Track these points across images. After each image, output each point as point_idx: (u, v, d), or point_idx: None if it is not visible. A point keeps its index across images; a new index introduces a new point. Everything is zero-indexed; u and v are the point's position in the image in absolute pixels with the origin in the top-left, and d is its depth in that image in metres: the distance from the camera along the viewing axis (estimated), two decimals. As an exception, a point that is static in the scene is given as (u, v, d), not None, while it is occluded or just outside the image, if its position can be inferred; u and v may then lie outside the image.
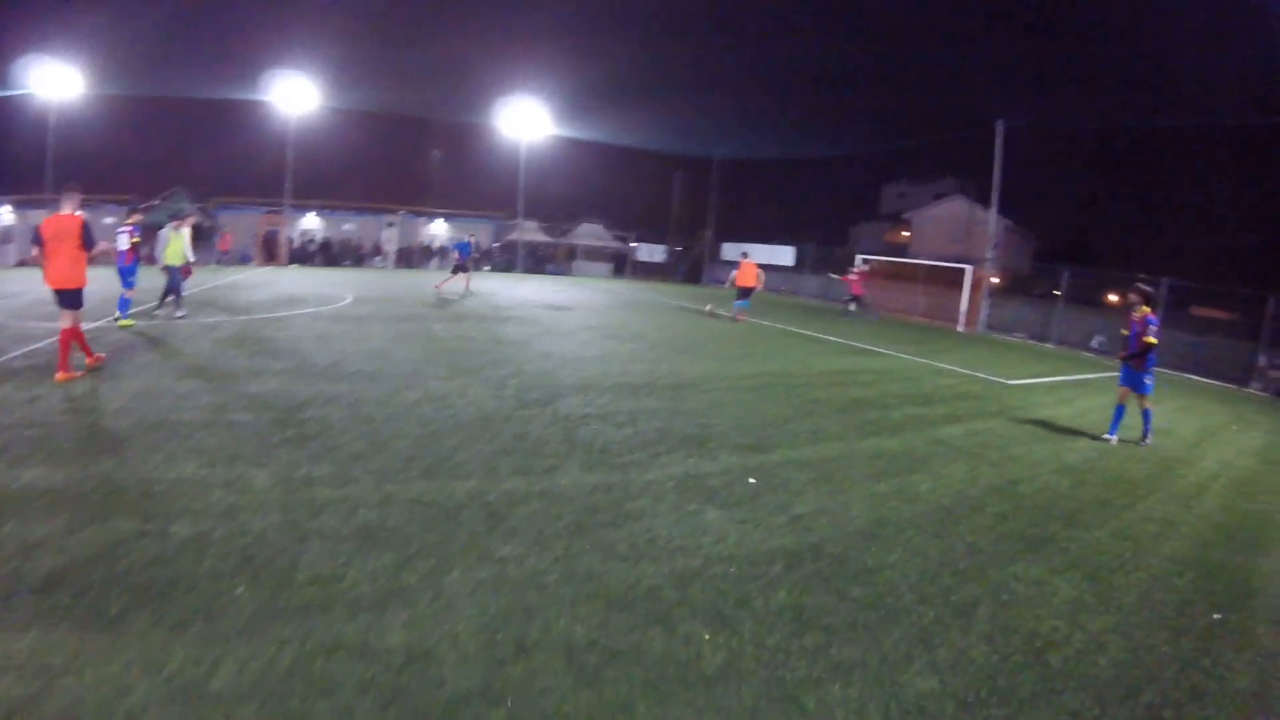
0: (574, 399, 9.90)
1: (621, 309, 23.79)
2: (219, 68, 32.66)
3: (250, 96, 36.68)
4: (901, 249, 57.31)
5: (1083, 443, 10.19)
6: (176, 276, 14.98)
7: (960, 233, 58.23)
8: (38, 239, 8.96)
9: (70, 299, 9.19)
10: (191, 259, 15.29)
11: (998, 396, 13.10)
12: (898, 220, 67.83)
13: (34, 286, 14.92)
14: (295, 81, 35.93)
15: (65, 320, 9.19)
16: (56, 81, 31.88)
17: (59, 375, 9.02)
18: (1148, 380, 10.37)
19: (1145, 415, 10.53)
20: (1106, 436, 10.45)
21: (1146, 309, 10.20)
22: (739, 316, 23.09)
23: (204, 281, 23.82)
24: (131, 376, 9.44)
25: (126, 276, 13.83)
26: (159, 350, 11.26)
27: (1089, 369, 19.43)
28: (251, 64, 32.30)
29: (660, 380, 11.71)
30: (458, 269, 25.31)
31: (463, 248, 25.56)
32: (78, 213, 9.19)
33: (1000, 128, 32.47)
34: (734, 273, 23.38)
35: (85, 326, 10.16)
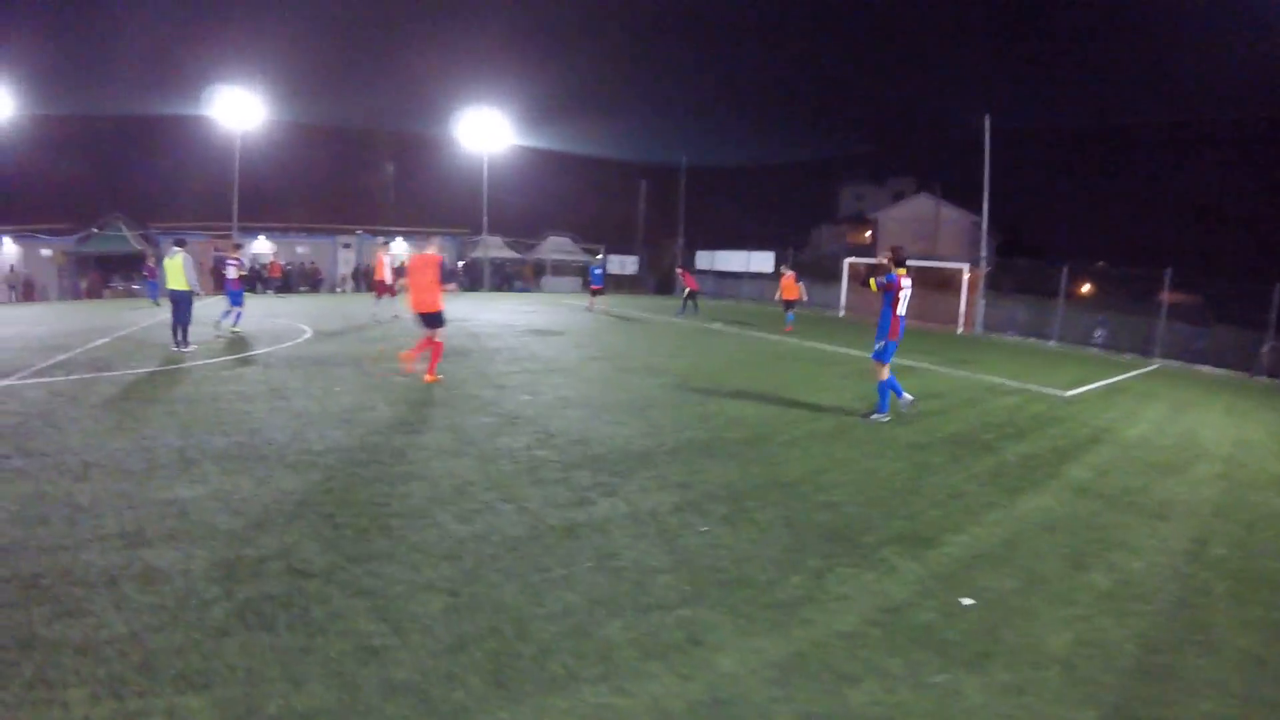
0: (640, 477, 7.22)
1: (614, 330, 21.12)
2: (154, 82, 29.89)
3: (189, 112, 33.65)
4: (864, 250, 55.96)
5: (1204, 469, 9.18)
6: (183, 306, 14.25)
7: (926, 230, 57.06)
8: (403, 271, 11.57)
9: (431, 320, 11.31)
10: (195, 287, 14.47)
11: (1071, 414, 12.03)
12: (860, 221, 66.88)
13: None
14: (238, 95, 32.95)
15: (434, 335, 11.47)
16: None
17: (427, 377, 11.42)
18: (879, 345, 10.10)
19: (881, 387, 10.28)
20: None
21: (900, 270, 9.92)
22: (787, 329, 22.43)
23: (143, 318, 20.81)
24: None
25: (235, 298, 17.31)
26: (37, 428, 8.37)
27: (1114, 369, 19.30)
28: (190, 77, 29.72)
29: (725, 434, 9.14)
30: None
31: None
32: (437, 252, 11.65)
33: (988, 123, 30.91)
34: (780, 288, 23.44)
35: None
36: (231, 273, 17.68)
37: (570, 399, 10.66)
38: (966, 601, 4.92)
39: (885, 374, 10.25)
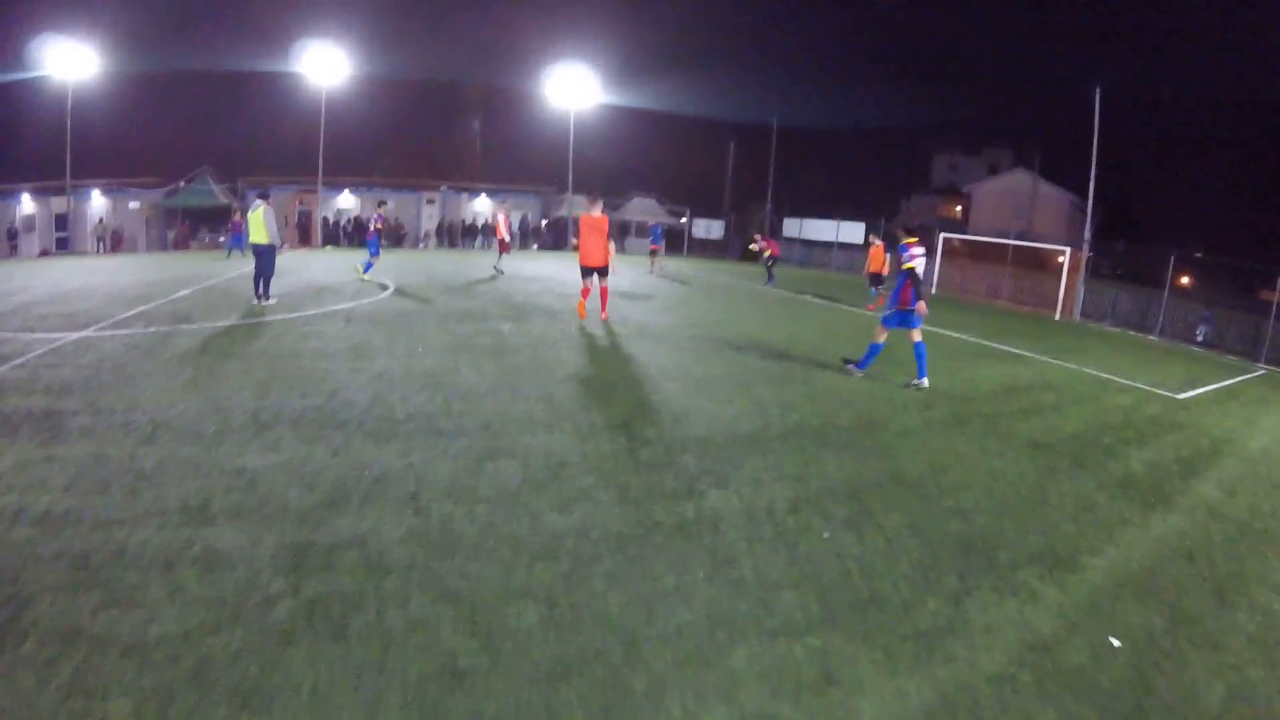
0: (750, 465, 6.51)
1: (704, 298, 20.28)
2: (241, 38, 29.86)
3: (276, 68, 33.70)
4: (954, 224, 54.11)
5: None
6: (266, 259, 14.05)
7: (1022, 207, 54.73)
8: (576, 231, 14.06)
9: (602, 272, 13.39)
10: (276, 240, 14.26)
11: (1188, 419, 10.95)
12: (953, 193, 64.65)
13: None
14: (324, 50, 32.82)
15: (604, 283, 13.65)
16: (70, 62, 29.17)
17: (602, 315, 13.80)
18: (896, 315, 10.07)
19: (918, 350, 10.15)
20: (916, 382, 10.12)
21: (911, 239, 9.97)
22: (871, 306, 20.64)
23: (228, 269, 20.82)
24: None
25: (372, 249, 19.17)
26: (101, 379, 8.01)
27: (1222, 370, 17.96)
28: (276, 33, 29.51)
29: (835, 418, 8.35)
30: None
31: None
32: (604, 213, 13.67)
33: (1098, 95, 28.96)
34: (868, 259, 21.59)
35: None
36: (372, 225, 19.42)
37: (666, 369, 9.95)
38: (1116, 643, 4.23)
39: (883, 337, 10.39)
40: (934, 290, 32.77)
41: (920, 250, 9.94)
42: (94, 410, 6.88)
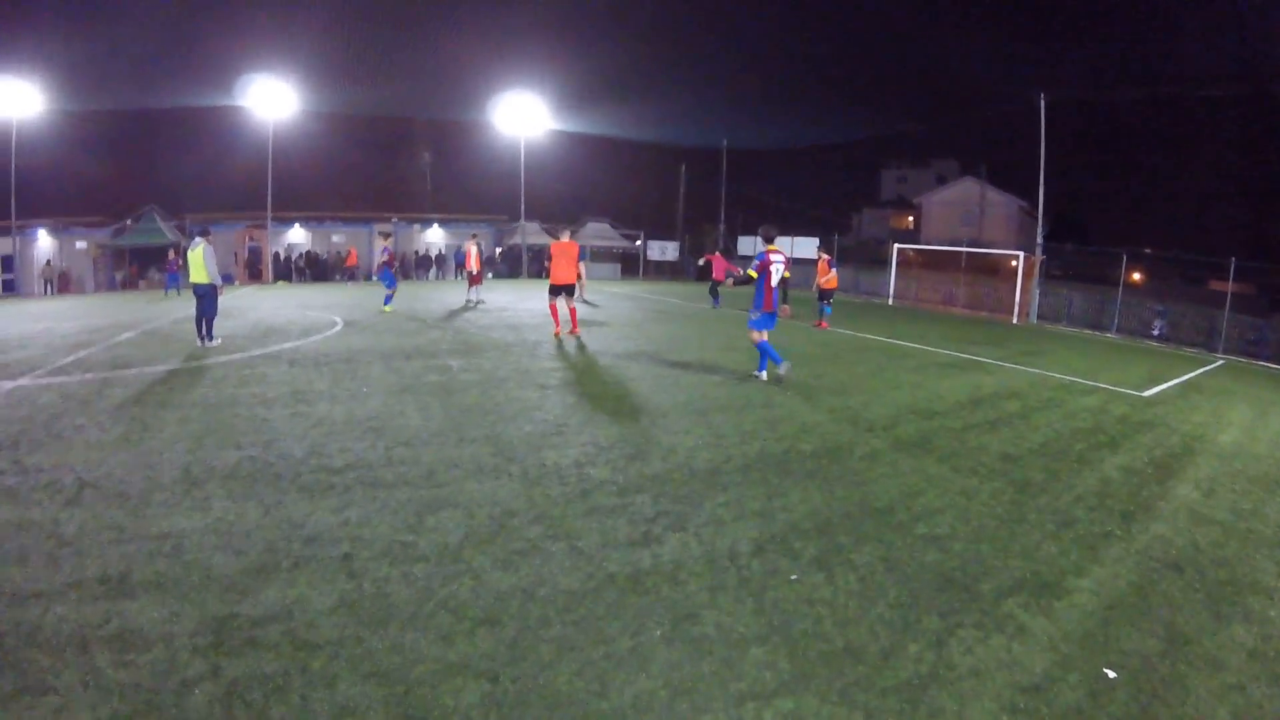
0: (710, 503, 6.19)
1: (659, 321, 20.00)
2: (186, 74, 29.31)
3: (222, 102, 33.13)
4: (907, 235, 54.79)
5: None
6: (207, 299, 13.46)
7: (972, 215, 55.53)
8: (549, 256, 14.32)
9: (570, 290, 14.43)
10: (216, 280, 13.58)
11: (1156, 418, 11.05)
12: (903, 205, 65.50)
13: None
14: (270, 85, 32.32)
15: (574, 301, 14.77)
16: (11, 100, 28.41)
17: (574, 330, 15.07)
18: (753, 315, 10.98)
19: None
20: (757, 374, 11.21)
21: (770, 247, 10.88)
22: (822, 323, 20.18)
23: (173, 310, 20.19)
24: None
25: (388, 281, 20.16)
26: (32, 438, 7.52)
27: (1182, 364, 18.51)
28: (222, 68, 28.98)
29: (798, 445, 8.11)
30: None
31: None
32: (574, 239, 15.74)
33: (1043, 101, 29.52)
34: (816, 275, 20.88)
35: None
36: (381, 256, 20.72)
37: (622, 401, 9.63)
38: (1111, 674, 3.98)
39: (759, 338, 11.09)
40: (890, 301, 32.92)
41: (779, 257, 10.85)
42: (20, 469, 6.44)
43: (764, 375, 11.26)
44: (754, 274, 10.84)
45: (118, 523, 5.36)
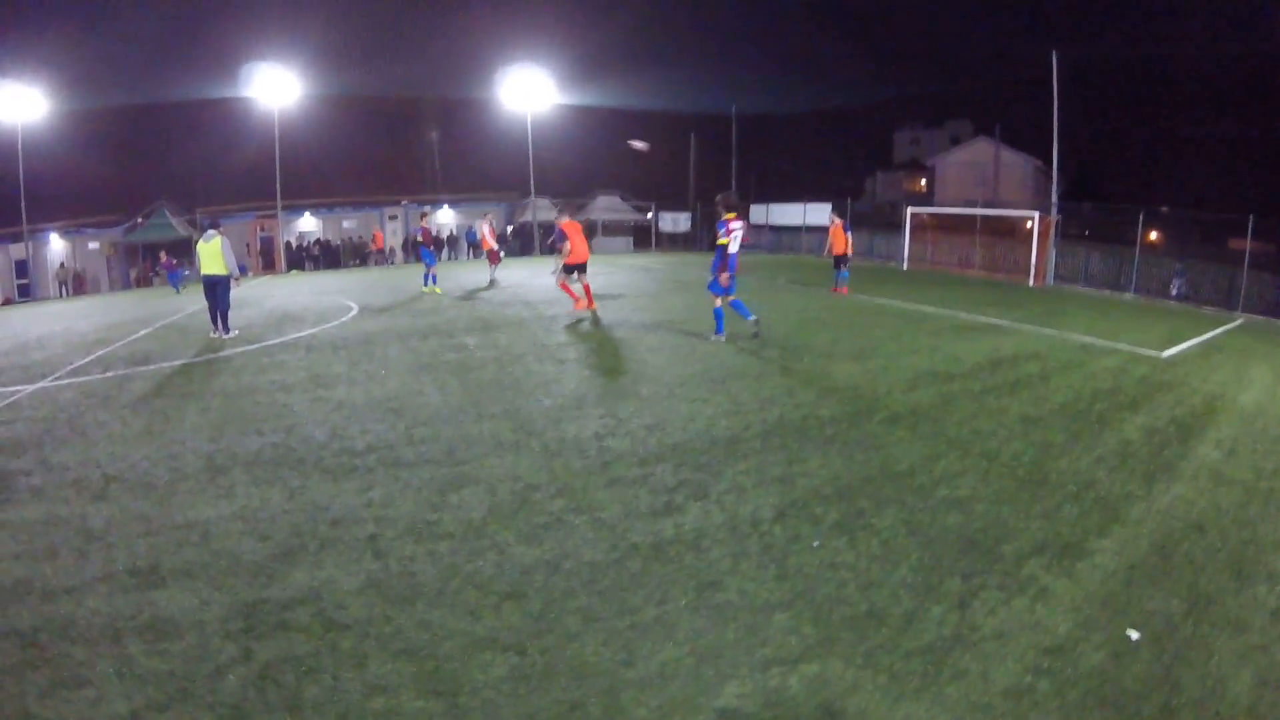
0: (731, 471, 6.19)
1: (674, 292, 19.92)
2: (187, 66, 29.38)
3: (225, 94, 33.12)
4: (920, 198, 54.21)
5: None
6: (222, 291, 13.60)
7: (986, 176, 54.85)
8: (562, 235, 13.76)
9: (584, 267, 14.25)
10: (234, 271, 13.82)
11: (1177, 378, 10.62)
12: (917, 167, 64.79)
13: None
14: (273, 73, 32.28)
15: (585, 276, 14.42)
16: (17, 104, 28.54)
17: (592, 305, 14.71)
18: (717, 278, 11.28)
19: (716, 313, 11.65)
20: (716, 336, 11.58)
21: (730, 215, 11.11)
22: (838, 289, 19.90)
23: (188, 304, 20.28)
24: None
25: (428, 259, 20.88)
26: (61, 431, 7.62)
27: (1201, 324, 17.49)
28: (224, 58, 28.99)
29: (817, 411, 8.09)
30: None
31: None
32: (578, 220, 15.62)
33: (1055, 60, 28.96)
34: (829, 241, 20.42)
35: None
36: (421, 236, 21.72)
37: (639, 373, 9.64)
38: (1134, 635, 3.94)
39: (719, 304, 11.54)
40: (905, 266, 32.67)
41: (739, 225, 11.06)
42: (47, 468, 6.55)
43: (722, 338, 11.60)
44: (725, 241, 11.07)
45: (144, 514, 5.45)
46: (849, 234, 20.37)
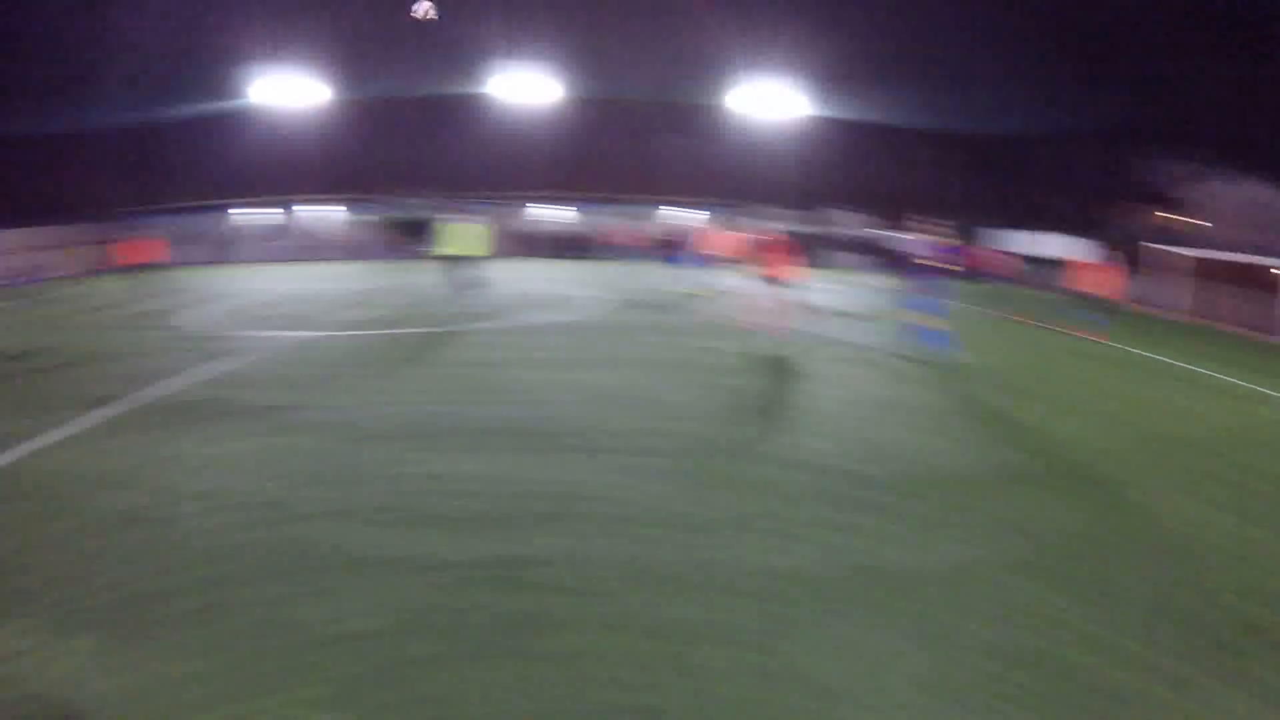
0: (988, 507, 6.02)
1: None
2: (436, 67, 32.07)
3: (470, 91, 36.06)
4: (1172, 236, 48.69)
5: None
6: (475, 271, 14.83)
7: (1260, 219, 48.69)
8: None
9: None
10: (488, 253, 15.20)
11: None
12: (1164, 200, 58.24)
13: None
14: (531, 77, 34.83)
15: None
16: (299, 92, 33.44)
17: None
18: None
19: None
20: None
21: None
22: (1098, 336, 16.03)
23: (439, 280, 21.89)
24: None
25: (676, 262, 21.24)
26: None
27: None
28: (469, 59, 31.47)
29: (1056, 457, 7.56)
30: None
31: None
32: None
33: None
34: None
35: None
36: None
37: (856, 401, 9.40)
38: None
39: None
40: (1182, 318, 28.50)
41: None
42: (311, 406, 7.88)
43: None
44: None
45: (401, 459, 6.29)
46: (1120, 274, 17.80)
